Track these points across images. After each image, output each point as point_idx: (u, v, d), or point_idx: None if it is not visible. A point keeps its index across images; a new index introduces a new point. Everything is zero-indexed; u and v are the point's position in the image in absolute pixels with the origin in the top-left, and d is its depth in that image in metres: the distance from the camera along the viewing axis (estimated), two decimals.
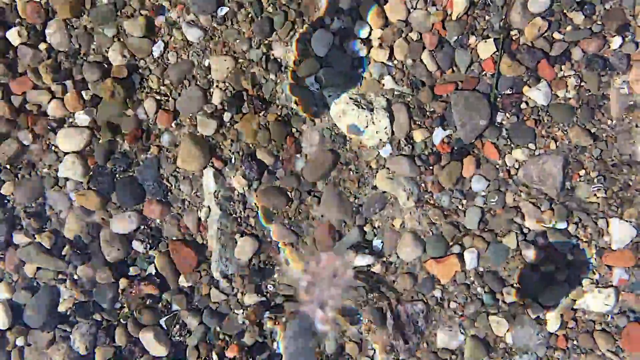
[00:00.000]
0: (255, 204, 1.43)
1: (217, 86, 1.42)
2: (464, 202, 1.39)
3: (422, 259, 1.41)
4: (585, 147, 1.35)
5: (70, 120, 1.47)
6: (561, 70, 1.35)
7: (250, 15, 1.40)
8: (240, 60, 1.41)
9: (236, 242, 1.44)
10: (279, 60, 1.41)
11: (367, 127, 1.38)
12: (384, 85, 1.38)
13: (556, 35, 1.34)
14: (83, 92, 1.45)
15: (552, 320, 1.37)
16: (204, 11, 1.40)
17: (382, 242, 1.42)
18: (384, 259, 1.42)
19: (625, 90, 1.34)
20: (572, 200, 1.36)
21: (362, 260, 1.41)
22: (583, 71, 1.34)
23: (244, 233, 1.44)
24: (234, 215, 1.44)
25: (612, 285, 1.36)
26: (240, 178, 1.43)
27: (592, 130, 1.35)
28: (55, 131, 1.47)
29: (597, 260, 1.37)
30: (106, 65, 1.45)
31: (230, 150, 1.43)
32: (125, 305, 1.48)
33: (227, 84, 1.42)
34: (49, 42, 1.45)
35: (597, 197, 1.35)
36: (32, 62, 1.44)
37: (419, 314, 1.41)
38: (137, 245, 1.47)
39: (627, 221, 1.34)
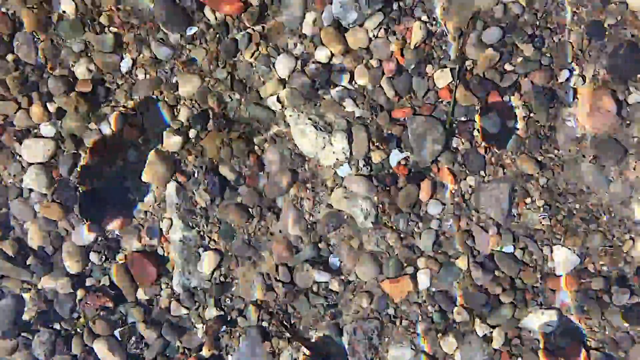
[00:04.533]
0: (218, 218, 1.46)
1: (184, 103, 1.46)
2: (420, 225, 1.43)
3: (379, 279, 1.45)
4: (532, 176, 1.41)
5: (35, 131, 1.48)
6: (510, 100, 1.40)
7: (217, 36, 1.43)
8: (207, 79, 1.45)
9: (199, 256, 1.47)
10: (243, 80, 1.45)
11: (324, 147, 1.42)
12: (344, 107, 1.43)
13: (507, 67, 1.40)
14: (48, 105, 1.47)
15: (497, 337, 1.43)
16: (173, 30, 1.43)
17: (339, 260, 1.46)
18: (342, 278, 1.46)
19: (572, 122, 1.40)
20: (518, 226, 1.42)
21: (319, 277, 1.45)
22: (532, 102, 1.40)
23: (207, 247, 1.47)
24: (196, 228, 1.47)
25: (555, 308, 1.42)
26: (203, 192, 1.46)
27: (540, 159, 1.41)
28: (20, 141, 1.48)
29: (541, 284, 1.42)
30: (72, 80, 1.47)
31: (194, 165, 1.46)
32: (81, 315, 1.50)
33: (193, 102, 1.45)
34: (16, 54, 1.46)
35: (543, 225, 1.41)
36: None
37: (374, 331, 1.46)
38: (93, 257, 1.49)
39: (569, 248, 1.41)
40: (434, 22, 1.40)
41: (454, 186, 1.42)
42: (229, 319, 1.48)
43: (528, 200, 1.41)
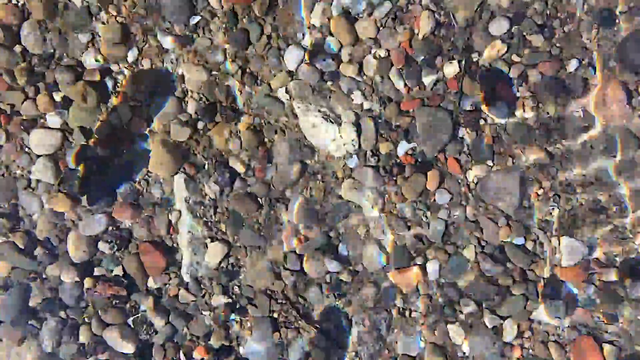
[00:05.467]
0: (227, 209, 1.46)
1: (191, 96, 1.45)
2: (428, 214, 1.43)
3: (386, 269, 1.45)
4: (543, 166, 1.40)
5: (42, 121, 1.48)
6: (519, 91, 1.39)
7: (224, 26, 1.43)
8: (215, 72, 1.44)
9: (206, 246, 1.47)
10: (254, 73, 1.44)
11: (334, 139, 1.42)
12: (353, 99, 1.42)
13: (515, 58, 1.38)
14: (54, 94, 1.47)
15: (509, 330, 1.43)
16: (177, 20, 1.43)
17: (347, 249, 1.46)
18: (351, 268, 1.46)
19: (580, 113, 1.39)
20: (529, 218, 1.41)
21: (331, 267, 1.45)
22: (540, 93, 1.39)
23: (214, 238, 1.47)
24: (204, 219, 1.47)
25: (562, 299, 1.42)
26: (213, 184, 1.46)
27: (550, 150, 1.40)
28: (28, 132, 1.48)
29: (550, 275, 1.42)
30: (79, 69, 1.46)
31: (203, 157, 1.46)
32: (90, 304, 1.51)
33: (201, 95, 1.45)
34: (23, 44, 1.46)
35: (552, 216, 1.41)
36: (6, 64, 1.46)
37: (382, 322, 1.46)
38: (103, 247, 1.50)
39: (577, 239, 1.40)
40: (442, 13, 1.38)
41: (461, 176, 1.42)
42: (237, 306, 1.49)
43: (540, 191, 1.40)
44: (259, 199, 1.46)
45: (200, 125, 1.45)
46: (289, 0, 1.41)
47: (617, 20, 1.36)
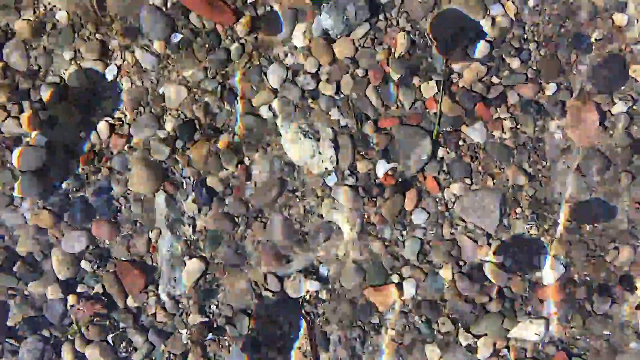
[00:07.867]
0: (205, 227, 1.46)
1: (169, 114, 1.46)
2: (404, 233, 1.44)
3: (362, 286, 1.45)
4: (522, 186, 1.41)
5: (27, 139, 1.49)
6: (497, 112, 1.41)
7: (206, 45, 1.44)
8: (194, 90, 1.45)
9: (184, 264, 1.47)
10: (234, 90, 1.45)
11: (313, 156, 1.42)
12: (330, 116, 1.43)
13: (494, 79, 1.40)
14: (40, 113, 1.47)
15: (484, 348, 1.43)
16: (158, 37, 1.44)
17: (327, 269, 1.46)
18: (329, 286, 1.46)
19: (559, 135, 1.40)
20: (508, 236, 1.42)
21: (310, 286, 1.45)
22: (519, 114, 1.41)
23: (192, 255, 1.48)
24: (183, 238, 1.47)
25: (543, 317, 1.42)
26: (191, 203, 1.46)
27: (528, 170, 1.41)
28: (10, 149, 1.49)
29: (529, 293, 1.42)
30: (64, 87, 1.47)
31: (182, 176, 1.46)
32: (73, 321, 1.51)
33: (180, 112, 1.46)
34: (5, 61, 1.47)
35: (531, 235, 1.42)
36: None
37: (356, 340, 1.46)
38: (85, 265, 1.50)
39: (556, 258, 1.41)
40: (417, 34, 1.40)
41: (440, 195, 1.43)
42: (215, 326, 1.48)
43: (518, 210, 1.41)
44: (235, 217, 1.47)
45: (179, 143, 1.46)
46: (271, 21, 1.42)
47: (591, 46, 1.38)
